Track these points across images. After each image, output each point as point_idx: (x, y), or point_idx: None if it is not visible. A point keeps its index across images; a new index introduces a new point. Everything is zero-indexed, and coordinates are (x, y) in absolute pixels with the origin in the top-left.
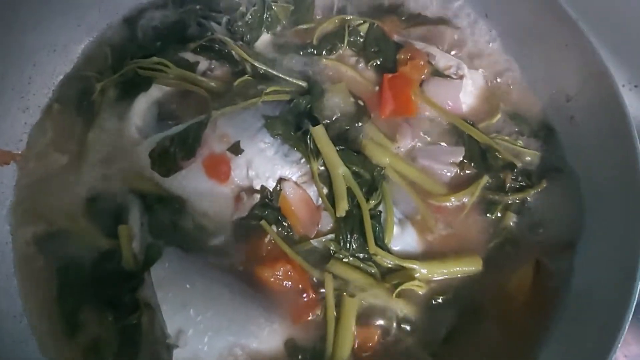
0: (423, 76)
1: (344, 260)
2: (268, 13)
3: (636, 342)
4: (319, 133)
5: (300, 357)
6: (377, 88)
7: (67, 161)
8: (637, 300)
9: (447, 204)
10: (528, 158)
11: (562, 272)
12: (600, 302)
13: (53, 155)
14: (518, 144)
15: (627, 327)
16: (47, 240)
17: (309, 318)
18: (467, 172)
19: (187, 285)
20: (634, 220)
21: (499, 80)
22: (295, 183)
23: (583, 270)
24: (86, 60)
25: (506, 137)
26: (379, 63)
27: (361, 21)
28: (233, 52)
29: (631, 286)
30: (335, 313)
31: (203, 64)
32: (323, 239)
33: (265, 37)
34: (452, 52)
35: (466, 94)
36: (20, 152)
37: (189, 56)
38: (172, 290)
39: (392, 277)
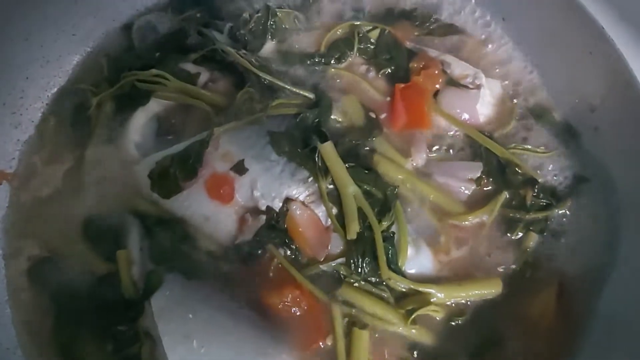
0: (437, 86)
1: (355, 285)
2: (273, 20)
3: None
4: (327, 150)
5: None
6: (388, 98)
7: (61, 181)
8: None
9: (465, 222)
10: (551, 167)
11: (588, 295)
12: (628, 327)
13: (47, 174)
14: (539, 151)
15: None
16: (42, 266)
17: (320, 347)
18: (485, 188)
19: (190, 315)
20: None
21: (517, 89)
22: (303, 203)
23: (610, 293)
24: (81, 72)
25: (527, 146)
26: (390, 71)
27: (371, 27)
28: (236, 63)
29: None
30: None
31: (204, 75)
32: (333, 263)
33: (269, 46)
34: (468, 60)
35: (484, 104)
36: (12, 171)
37: (190, 67)
38: (173, 321)
39: (407, 302)
